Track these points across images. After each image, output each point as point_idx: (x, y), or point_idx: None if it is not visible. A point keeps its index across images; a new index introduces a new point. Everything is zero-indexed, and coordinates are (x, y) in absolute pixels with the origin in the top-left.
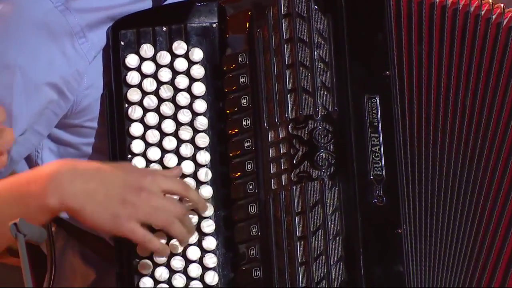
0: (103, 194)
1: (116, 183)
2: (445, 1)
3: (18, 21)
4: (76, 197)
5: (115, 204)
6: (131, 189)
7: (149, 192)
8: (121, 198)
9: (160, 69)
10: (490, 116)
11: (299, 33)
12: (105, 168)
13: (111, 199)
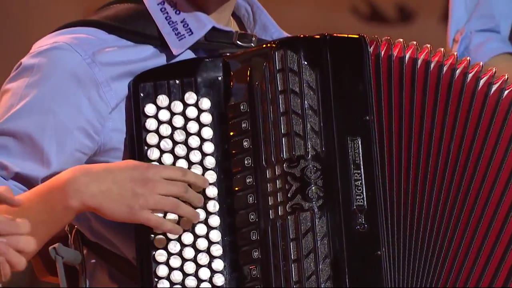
0: (116, 191)
1: (125, 180)
2: (415, 56)
3: (53, 72)
4: (94, 197)
5: (128, 198)
6: (139, 182)
7: (154, 182)
8: (131, 192)
9: (174, 116)
10: (458, 152)
11: (291, 85)
12: (114, 168)
13: (124, 194)
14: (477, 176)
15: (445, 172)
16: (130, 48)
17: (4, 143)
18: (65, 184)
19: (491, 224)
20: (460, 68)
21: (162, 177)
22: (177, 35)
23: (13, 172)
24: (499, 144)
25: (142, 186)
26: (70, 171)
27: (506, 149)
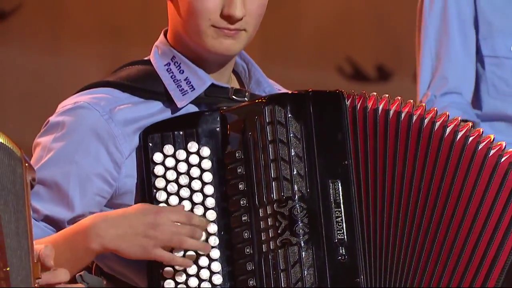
0: (131, 234)
1: (139, 224)
2: (387, 107)
3: (76, 128)
4: (112, 240)
5: (141, 239)
6: (150, 225)
7: (163, 225)
8: (144, 234)
9: (178, 163)
10: (428, 190)
11: (279, 136)
12: (129, 214)
13: (138, 236)
14: (447, 211)
15: (416, 208)
16: (141, 104)
17: (35, 190)
18: (87, 229)
19: (460, 257)
20: (428, 118)
21: (170, 220)
22: (181, 91)
23: (43, 215)
24: (467, 181)
25: (153, 229)
26: (92, 218)
27: (473, 185)
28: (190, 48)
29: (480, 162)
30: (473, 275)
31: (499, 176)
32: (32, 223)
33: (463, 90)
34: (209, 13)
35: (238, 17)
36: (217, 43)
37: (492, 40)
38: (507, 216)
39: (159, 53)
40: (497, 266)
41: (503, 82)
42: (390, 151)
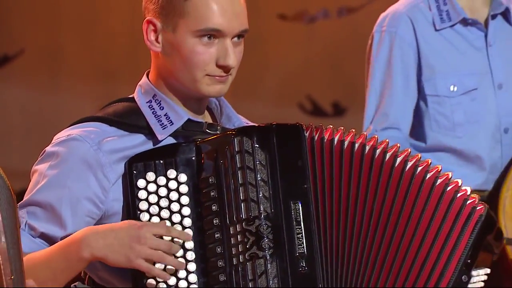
0: (117, 245)
1: (124, 236)
2: (342, 138)
3: (68, 157)
4: (101, 250)
5: (126, 250)
6: (134, 238)
7: (145, 238)
8: (128, 246)
9: (159, 188)
10: (380, 210)
11: (247, 163)
12: (115, 227)
13: (123, 247)
14: (397, 229)
15: (369, 226)
16: (126, 137)
17: (32, 211)
18: (79, 240)
19: (402, 266)
20: (380, 148)
21: (152, 233)
22: (161, 125)
23: (39, 232)
24: (416, 204)
25: (136, 242)
26: (83, 231)
27: (422, 208)
28: (172, 88)
29: (429, 188)
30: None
31: (436, 195)
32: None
33: (401, 126)
34: (206, 65)
35: (233, 66)
36: (211, 88)
37: (434, 81)
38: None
39: (142, 91)
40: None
41: (444, 117)
42: (345, 176)
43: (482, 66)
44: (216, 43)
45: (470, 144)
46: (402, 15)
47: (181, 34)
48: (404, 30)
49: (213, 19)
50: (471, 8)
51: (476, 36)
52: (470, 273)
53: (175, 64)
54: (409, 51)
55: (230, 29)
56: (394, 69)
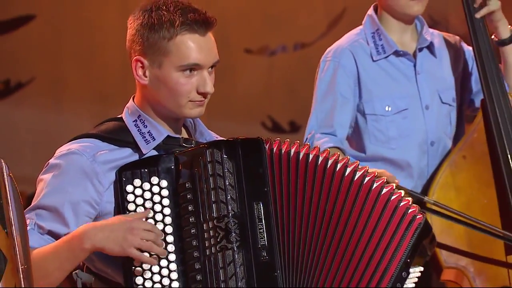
0: (113, 237)
1: (119, 229)
2: (298, 150)
3: (68, 168)
4: (99, 241)
5: (120, 240)
6: (127, 230)
7: (137, 230)
8: (122, 237)
9: (144, 192)
10: (325, 207)
11: (217, 171)
12: (111, 222)
13: (117, 238)
14: (340, 222)
15: (321, 222)
16: (116, 150)
17: (40, 213)
18: (81, 234)
19: (351, 259)
20: (332, 159)
21: (140, 227)
22: (145, 141)
23: (46, 230)
24: (356, 204)
25: (129, 233)
26: (84, 226)
27: (360, 209)
28: (155, 111)
29: (375, 196)
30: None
31: (382, 202)
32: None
33: (338, 133)
34: (188, 93)
35: (211, 92)
36: (193, 111)
37: (372, 102)
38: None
39: (129, 112)
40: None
41: (380, 132)
42: (300, 181)
43: (412, 90)
44: (196, 74)
45: (402, 155)
46: (345, 49)
47: (166, 70)
48: (346, 61)
49: (192, 55)
50: (402, 42)
51: (407, 66)
52: (409, 270)
53: (162, 93)
54: (350, 78)
55: (206, 62)
56: (336, 89)
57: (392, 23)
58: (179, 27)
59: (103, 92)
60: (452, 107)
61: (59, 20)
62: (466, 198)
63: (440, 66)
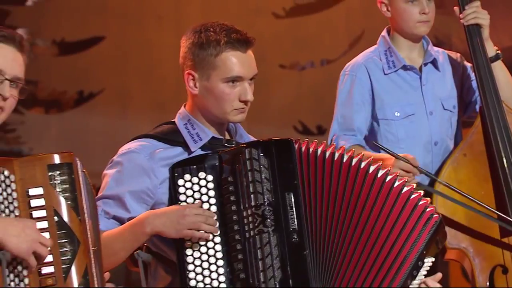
0: (169, 222)
1: (173, 215)
2: (324, 149)
3: (129, 164)
4: (158, 226)
5: (175, 225)
6: (180, 216)
7: (189, 215)
8: (176, 221)
9: (193, 185)
10: (350, 198)
11: (254, 166)
12: (168, 210)
13: (173, 223)
14: (364, 212)
15: (344, 210)
16: (169, 149)
17: (106, 201)
18: (143, 220)
19: (374, 244)
20: (356, 158)
21: (192, 213)
22: (193, 141)
23: (112, 215)
24: (379, 196)
25: (182, 218)
26: (145, 214)
27: (382, 205)
28: (203, 116)
29: (388, 188)
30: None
31: (402, 200)
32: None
33: (357, 135)
34: (232, 101)
35: (251, 100)
36: (236, 117)
37: (383, 109)
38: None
39: (180, 117)
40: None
41: (391, 134)
42: (326, 175)
43: (418, 99)
44: (238, 85)
45: (410, 153)
46: (361, 64)
47: (213, 81)
48: (361, 74)
49: (235, 69)
50: (410, 58)
51: (414, 78)
52: (424, 260)
53: (210, 102)
54: (364, 89)
55: (247, 75)
56: (353, 100)
57: (402, 42)
58: (224, 45)
59: (160, 101)
60: (452, 113)
61: (124, 41)
62: (466, 190)
63: (443, 79)
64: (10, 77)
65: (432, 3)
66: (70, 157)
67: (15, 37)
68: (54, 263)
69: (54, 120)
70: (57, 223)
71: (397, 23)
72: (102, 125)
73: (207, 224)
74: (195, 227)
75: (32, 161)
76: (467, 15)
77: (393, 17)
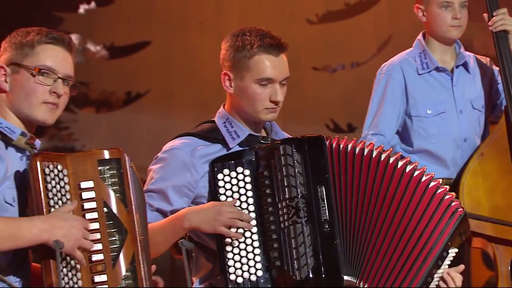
0: (206, 219)
1: (210, 213)
2: (354, 145)
3: (172, 160)
4: (196, 222)
5: (212, 222)
6: (216, 213)
7: (224, 212)
8: (213, 218)
9: (231, 179)
10: (378, 191)
11: (288, 162)
12: (205, 207)
13: (210, 219)
14: (392, 205)
15: (371, 202)
16: (209, 146)
17: (150, 195)
18: (182, 216)
19: (399, 241)
20: (385, 154)
21: (227, 211)
22: (232, 138)
23: (155, 208)
24: (407, 191)
25: (218, 215)
26: (184, 210)
27: (409, 199)
28: (239, 115)
29: (416, 183)
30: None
31: (429, 194)
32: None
33: (385, 133)
34: (263, 101)
35: (280, 101)
36: (267, 116)
37: (416, 107)
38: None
39: (220, 116)
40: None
41: (423, 130)
42: (356, 170)
43: (449, 98)
44: (269, 86)
45: (440, 148)
46: (396, 65)
47: (246, 82)
48: (396, 74)
49: (267, 71)
50: (443, 61)
51: (445, 79)
52: (448, 251)
53: (243, 101)
54: (398, 88)
55: (278, 77)
56: (386, 98)
57: (436, 45)
58: (257, 48)
59: (202, 101)
60: (481, 112)
61: (169, 45)
62: (490, 183)
63: (473, 81)
64: (62, 75)
65: (464, 10)
66: (118, 153)
67: (64, 38)
68: (103, 251)
69: (104, 119)
70: (106, 214)
71: (431, 27)
72: (148, 123)
73: (242, 220)
74: (230, 223)
75: (84, 157)
76: (495, 22)
77: (428, 22)
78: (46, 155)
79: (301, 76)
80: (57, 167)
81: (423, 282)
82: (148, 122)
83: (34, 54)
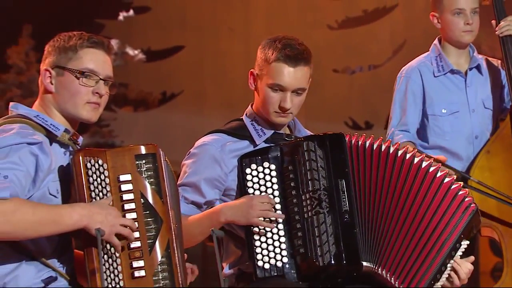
0: (239, 212)
1: (243, 207)
2: (372, 142)
3: (203, 156)
4: (230, 216)
5: (245, 214)
6: (249, 206)
7: (256, 205)
8: (246, 211)
9: (258, 173)
10: (396, 183)
11: (312, 157)
12: (238, 202)
13: (243, 213)
14: (408, 198)
15: (390, 195)
16: (237, 142)
17: (184, 188)
18: (217, 210)
19: (415, 231)
20: (402, 150)
21: (259, 203)
22: (258, 135)
23: (190, 200)
24: (422, 187)
25: (251, 208)
26: (219, 206)
27: (425, 193)
28: (259, 114)
29: (431, 178)
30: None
31: (443, 189)
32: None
33: (411, 130)
34: (273, 104)
35: (287, 108)
36: (276, 119)
37: (432, 106)
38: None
39: (247, 115)
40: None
41: (438, 128)
42: (374, 165)
43: (462, 98)
44: (280, 93)
45: (454, 145)
46: (414, 68)
47: (263, 84)
48: (415, 76)
49: (278, 78)
50: (457, 63)
51: (460, 81)
52: (461, 242)
53: (259, 102)
54: (418, 89)
55: (289, 86)
56: (408, 99)
57: (451, 49)
58: (276, 56)
59: (231, 101)
60: (492, 111)
61: (201, 50)
62: (497, 177)
63: (485, 82)
64: (103, 77)
65: (476, 16)
66: (154, 148)
67: (104, 42)
68: (140, 239)
69: (141, 117)
70: (143, 205)
71: (445, 33)
72: (182, 121)
73: (272, 210)
74: (263, 215)
75: (122, 152)
76: (502, 28)
77: (442, 28)
78: (88, 151)
79: (322, 77)
80: (97, 161)
81: (438, 270)
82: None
83: (77, 57)
